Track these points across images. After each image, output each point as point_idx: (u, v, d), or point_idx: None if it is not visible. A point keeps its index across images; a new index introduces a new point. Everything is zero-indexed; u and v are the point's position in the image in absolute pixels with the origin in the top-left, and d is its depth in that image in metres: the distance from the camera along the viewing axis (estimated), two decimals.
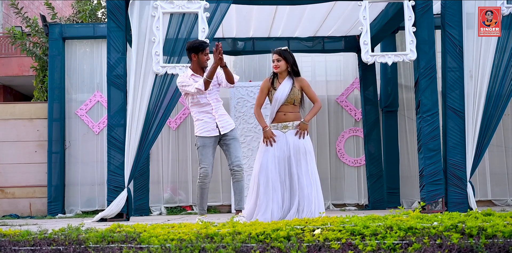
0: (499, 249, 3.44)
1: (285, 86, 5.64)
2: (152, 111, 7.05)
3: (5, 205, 9.56)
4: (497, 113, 7.08)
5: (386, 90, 9.62)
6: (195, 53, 5.67)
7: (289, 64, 5.64)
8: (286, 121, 5.62)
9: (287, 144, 5.57)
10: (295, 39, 9.79)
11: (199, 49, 5.65)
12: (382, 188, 9.42)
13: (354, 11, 8.04)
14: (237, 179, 5.69)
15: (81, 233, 3.88)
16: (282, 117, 5.63)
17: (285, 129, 5.62)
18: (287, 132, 5.61)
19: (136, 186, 8.92)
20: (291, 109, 5.65)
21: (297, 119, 5.67)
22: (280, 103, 5.61)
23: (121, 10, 7.18)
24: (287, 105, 5.63)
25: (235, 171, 5.67)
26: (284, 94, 5.60)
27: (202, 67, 5.74)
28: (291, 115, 5.64)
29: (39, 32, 10.55)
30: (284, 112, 5.63)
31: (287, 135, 5.60)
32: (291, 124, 5.63)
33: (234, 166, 5.66)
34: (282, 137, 5.60)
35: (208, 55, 5.70)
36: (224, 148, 5.75)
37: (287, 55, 5.64)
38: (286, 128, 5.62)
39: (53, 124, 9.49)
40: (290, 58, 5.64)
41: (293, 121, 5.64)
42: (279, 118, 5.64)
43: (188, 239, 3.66)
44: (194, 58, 5.69)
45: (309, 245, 3.56)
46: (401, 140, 9.68)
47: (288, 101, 5.62)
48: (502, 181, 9.68)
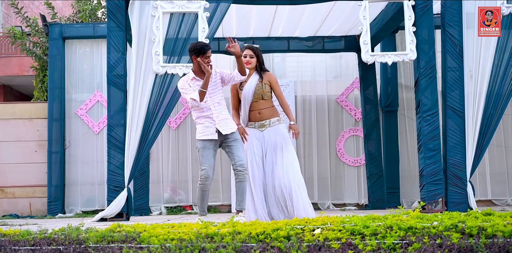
0: (499, 249, 3.44)
1: (251, 82, 5.72)
2: (152, 111, 7.05)
3: (5, 205, 9.56)
4: (497, 113, 7.08)
5: (386, 90, 9.62)
6: (196, 56, 5.65)
7: (259, 62, 5.75)
8: (263, 120, 5.70)
9: (264, 141, 5.68)
10: (295, 39, 9.79)
11: (200, 52, 5.61)
12: (382, 188, 9.42)
13: (354, 11, 8.04)
14: (240, 179, 5.67)
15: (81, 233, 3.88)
16: (257, 116, 5.71)
17: (263, 127, 5.70)
18: (264, 130, 5.69)
19: (136, 186, 8.92)
20: (264, 105, 5.70)
21: (274, 115, 5.72)
22: (249, 101, 5.69)
23: (121, 10, 7.18)
24: (257, 101, 5.69)
25: (238, 171, 5.65)
26: (251, 91, 5.67)
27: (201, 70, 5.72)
28: (266, 113, 5.71)
29: (39, 32, 10.55)
30: (257, 110, 5.70)
31: (265, 133, 5.69)
32: (268, 122, 5.70)
33: (238, 166, 5.64)
34: (260, 135, 5.69)
35: (209, 58, 5.68)
36: (227, 150, 5.73)
37: (259, 53, 5.76)
38: (263, 127, 5.70)
39: (53, 124, 9.49)
40: (261, 56, 5.77)
41: (269, 119, 5.70)
42: (255, 117, 5.72)
43: (188, 239, 3.66)
44: (194, 60, 5.68)
45: (309, 245, 3.56)
46: (401, 139, 9.68)
47: (256, 97, 5.68)
48: (502, 181, 9.69)
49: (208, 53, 5.61)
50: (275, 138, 5.67)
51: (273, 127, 5.70)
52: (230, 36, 6.12)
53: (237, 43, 5.54)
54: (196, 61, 5.65)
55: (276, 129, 5.71)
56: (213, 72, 5.71)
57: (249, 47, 5.75)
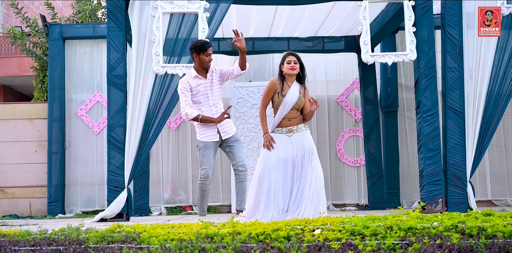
0: (499, 249, 3.44)
1: (295, 91, 5.65)
2: (152, 111, 7.04)
3: (5, 205, 9.57)
4: (497, 113, 7.07)
5: (386, 90, 9.63)
6: (197, 53, 5.66)
7: (301, 69, 5.68)
8: (291, 126, 5.66)
9: (292, 146, 5.60)
10: (295, 39, 9.79)
11: (201, 49, 5.64)
12: (382, 188, 9.42)
13: (354, 11, 8.04)
14: (241, 179, 5.67)
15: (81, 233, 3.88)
16: (287, 123, 5.67)
17: (290, 132, 5.65)
18: (292, 135, 5.65)
19: (136, 186, 8.92)
20: (295, 115, 5.69)
21: (301, 122, 5.71)
22: (289, 108, 5.63)
23: (121, 10, 7.18)
24: (292, 110, 5.66)
25: (239, 171, 5.65)
26: (294, 99, 5.62)
27: (203, 67, 5.73)
28: (295, 121, 5.68)
29: (39, 32, 10.55)
30: (289, 118, 5.66)
31: (292, 138, 5.63)
32: (296, 128, 5.66)
33: (239, 166, 5.64)
34: (287, 140, 5.63)
35: (210, 56, 5.68)
36: (227, 150, 5.73)
37: (301, 61, 5.70)
38: (291, 132, 5.65)
39: (53, 125, 9.50)
40: (303, 64, 5.70)
41: (297, 125, 5.67)
42: (284, 124, 5.67)
43: (188, 239, 3.66)
44: (195, 58, 5.68)
45: (309, 245, 3.56)
46: (401, 140, 9.68)
47: (295, 106, 5.65)
48: (502, 181, 9.69)
49: (209, 50, 5.64)
50: (303, 143, 5.62)
51: (300, 132, 5.67)
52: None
53: (243, 37, 5.53)
54: (196, 59, 5.66)
55: (303, 134, 5.67)
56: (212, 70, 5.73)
57: (293, 54, 5.67)
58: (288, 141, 5.62)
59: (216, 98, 5.74)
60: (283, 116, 5.65)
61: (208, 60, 5.65)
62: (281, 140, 5.62)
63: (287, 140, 5.62)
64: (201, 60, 5.65)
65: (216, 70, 5.74)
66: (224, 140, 5.70)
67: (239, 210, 5.68)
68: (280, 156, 5.57)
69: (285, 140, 5.62)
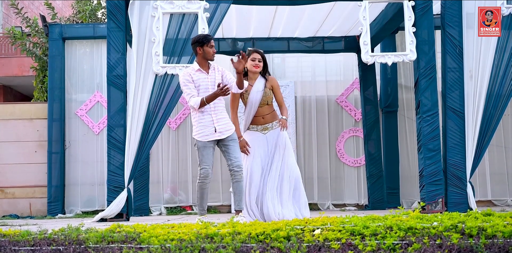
0: (499, 249, 3.45)
1: (258, 87, 5.80)
2: (152, 111, 7.05)
3: (5, 205, 9.56)
4: (497, 113, 7.07)
5: (386, 91, 9.62)
6: (201, 47, 5.69)
7: (265, 67, 5.84)
8: (266, 123, 5.83)
9: (268, 143, 5.79)
10: (295, 39, 9.79)
11: (204, 42, 5.70)
12: (382, 188, 9.42)
13: (354, 11, 8.04)
14: (237, 179, 5.68)
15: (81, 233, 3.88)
16: (261, 121, 5.84)
17: (265, 130, 5.83)
18: (267, 133, 5.83)
19: (136, 186, 8.91)
20: (267, 111, 5.84)
21: (275, 119, 5.86)
22: (255, 107, 5.79)
23: (121, 10, 7.18)
24: (262, 107, 5.81)
25: (235, 172, 5.66)
26: (259, 97, 5.76)
27: (207, 59, 5.77)
28: (269, 117, 5.84)
29: (39, 32, 10.55)
30: (261, 116, 5.82)
31: (267, 136, 5.82)
32: (271, 125, 5.83)
33: (234, 167, 5.65)
34: (262, 138, 5.81)
35: (213, 47, 5.74)
36: (223, 149, 5.74)
37: (265, 57, 5.86)
38: (266, 130, 5.83)
39: (53, 125, 9.50)
40: (266, 62, 5.87)
41: (272, 123, 5.83)
42: (258, 122, 5.84)
43: (188, 239, 3.66)
44: (199, 51, 5.70)
45: (309, 245, 3.56)
46: (401, 140, 9.68)
47: (262, 103, 5.79)
48: (502, 181, 9.69)
49: (211, 42, 5.73)
50: (277, 139, 5.81)
51: (275, 129, 5.83)
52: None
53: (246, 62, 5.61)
54: (200, 52, 5.70)
55: (277, 131, 5.83)
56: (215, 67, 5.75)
57: (256, 51, 5.80)
58: (264, 139, 5.80)
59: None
60: (254, 115, 5.81)
61: (212, 52, 5.71)
62: (257, 138, 5.80)
63: (263, 138, 5.80)
64: (205, 52, 5.68)
65: (218, 69, 5.77)
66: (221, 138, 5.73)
67: (238, 210, 5.69)
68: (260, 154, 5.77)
69: (261, 138, 5.80)
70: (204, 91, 5.66)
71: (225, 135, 5.64)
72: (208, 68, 5.71)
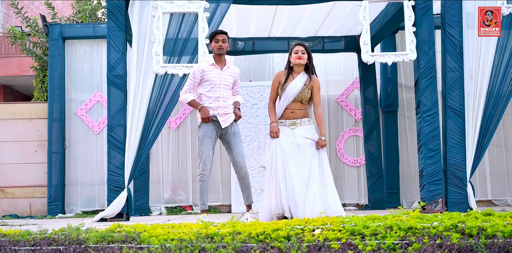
0: (499, 249, 3.45)
1: (298, 82, 5.56)
2: (152, 111, 7.04)
3: (5, 205, 9.57)
4: (497, 113, 7.07)
5: (386, 90, 9.63)
6: (210, 42, 6.05)
7: (309, 59, 5.59)
8: (295, 119, 5.57)
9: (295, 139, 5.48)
10: (295, 39, 9.76)
11: (211, 38, 6.03)
12: (382, 188, 9.42)
13: (354, 11, 8.04)
14: (242, 176, 5.74)
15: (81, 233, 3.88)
16: (290, 115, 5.57)
17: (293, 125, 5.55)
18: (295, 128, 5.54)
19: (136, 186, 8.92)
20: (299, 107, 5.58)
21: (306, 116, 5.60)
22: (290, 100, 5.55)
23: (121, 10, 7.17)
24: (295, 102, 5.57)
25: (239, 168, 5.71)
26: (295, 92, 5.53)
27: (215, 54, 5.99)
28: (299, 113, 5.58)
29: (39, 32, 10.55)
30: (292, 110, 5.57)
31: (295, 131, 5.53)
32: (299, 121, 5.56)
33: (237, 162, 5.70)
34: (290, 132, 5.52)
35: (220, 41, 5.95)
36: (226, 146, 5.80)
37: (310, 51, 5.61)
38: (294, 125, 5.55)
39: (53, 124, 9.50)
40: (311, 55, 5.61)
41: (301, 119, 5.57)
42: (287, 116, 5.57)
43: (188, 239, 3.67)
44: (210, 47, 6.05)
45: (309, 245, 3.56)
46: (401, 140, 9.68)
47: (297, 99, 5.56)
48: (502, 181, 9.69)
49: (217, 36, 5.92)
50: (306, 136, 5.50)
51: (304, 126, 5.56)
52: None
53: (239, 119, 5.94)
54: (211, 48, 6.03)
55: (306, 128, 5.56)
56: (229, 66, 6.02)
57: (300, 44, 5.58)
58: (291, 133, 5.52)
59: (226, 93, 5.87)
60: (285, 107, 5.57)
61: (218, 46, 5.91)
62: (285, 133, 5.52)
63: (290, 132, 5.52)
64: (212, 47, 5.98)
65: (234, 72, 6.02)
66: (223, 130, 5.79)
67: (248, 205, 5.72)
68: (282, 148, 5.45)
69: (288, 132, 5.53)
70: (214, 86, 5.78)
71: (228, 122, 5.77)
72: (223, 65, 5.87)
